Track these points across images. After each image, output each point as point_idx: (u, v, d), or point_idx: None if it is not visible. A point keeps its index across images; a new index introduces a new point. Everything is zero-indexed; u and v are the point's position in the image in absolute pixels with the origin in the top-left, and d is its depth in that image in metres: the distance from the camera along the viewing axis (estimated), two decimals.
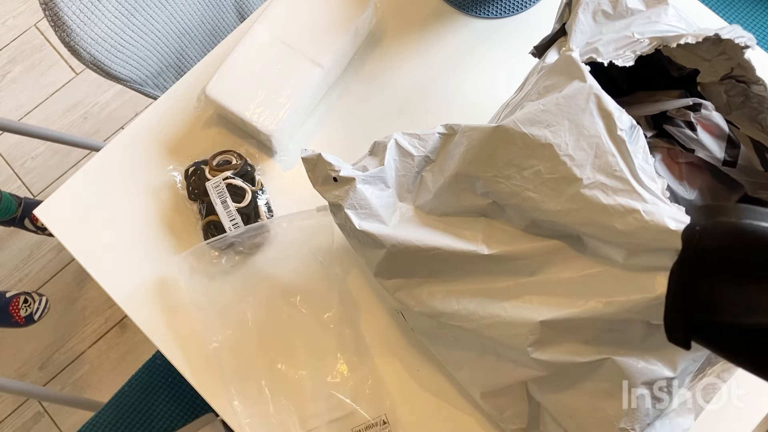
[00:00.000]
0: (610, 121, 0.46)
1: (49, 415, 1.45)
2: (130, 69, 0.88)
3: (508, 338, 0.52)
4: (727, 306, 0.32)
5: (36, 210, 0.72)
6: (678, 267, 0.33)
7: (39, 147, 1.63)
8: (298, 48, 0.72)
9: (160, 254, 0.71)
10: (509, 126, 0.49)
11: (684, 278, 0.33)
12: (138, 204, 0.73)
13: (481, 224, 0.55)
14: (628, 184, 0.44)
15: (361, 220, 0.54)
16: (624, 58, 0.50)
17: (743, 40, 0.51)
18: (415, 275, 0.56)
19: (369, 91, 0.78)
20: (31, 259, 1.55)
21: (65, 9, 0.75)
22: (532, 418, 0.58)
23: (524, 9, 0.81)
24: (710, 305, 0.32)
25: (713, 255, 0.32)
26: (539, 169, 0.48)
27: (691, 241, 0.33)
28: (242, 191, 0.69)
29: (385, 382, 0.66)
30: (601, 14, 0.55)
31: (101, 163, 0.75)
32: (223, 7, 1.01)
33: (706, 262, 0.32)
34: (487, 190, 0.52)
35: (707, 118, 0.60)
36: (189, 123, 0.76)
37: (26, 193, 1.59)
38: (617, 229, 0.45)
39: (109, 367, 1.48)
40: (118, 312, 1.52)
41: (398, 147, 0.56)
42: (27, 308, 1.44)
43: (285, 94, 0.71)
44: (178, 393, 0.97)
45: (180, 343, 0.68)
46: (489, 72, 0.78)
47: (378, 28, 0.79)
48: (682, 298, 0.33)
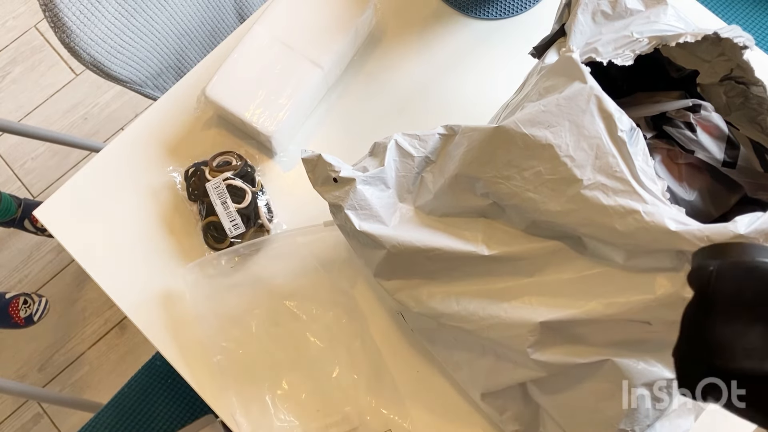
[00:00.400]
0: (610, 122, 0.46)
1: (48, 416, 1.45)
2: (130, 70, 0.88)
3: (507, 339, 0.52)
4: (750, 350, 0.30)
5: (36, 211, 0.72)
6: (692, 310, 0.32)
7: (39, 148, 1.63)
8: (298, 49, 0.72)
9: (161, 255, 0.71)
10: (510, 127, 0.49)
11: (701, 323, 0.31)
12: (138, 205, 0.73)
13: (481, 225, 0.55)
14: (628, 185, 0.44)
15: (361, 220, 0.54)
16: (623, 58, 0.50)
17: (742, 41, 0.51)
18: (415, 276, 0.56)
19: (369, 91, 0.78)
20: (30, 260, 1.55)
21: (65, 10, 0.75)
22: (532, 419, 0.58)
23: (524, 10, 0.81)
24: (731, 350, 0.30)
25: (732, 297, 0.31)
26: (539, 169, 0.48)
27: (705, 283, 0.32)
28: (242, 192, 0.69)
29: (400, 395, 0.66)
30: (600, 15, 0.55)
31: (101, 164, 0.75)
32: (223, 8, 1.01)
33: (725, 305, 0.31)
34: (488, 191, 0.52)
35: (707, 119, 0.60)
36: (189, 124, 0.76)
37: (26, 194, 1.59)
38: (617, 230, 0.45)
39: (109, 368, 1.48)
40: (117, 313, 1.52)
41: (398, 148, 0.56)
42: (27, 309, 1.44)
43: (285, 95, 0.71)
44: (178, 394, 0.97)
45: (179, 343, 0.68)
46: (489, 72, 0.78)
47: (378, 28, 0.80)
48: (699, 345, 0.31)
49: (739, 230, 0.42)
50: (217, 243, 0.69)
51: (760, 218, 0.43)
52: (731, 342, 0.30)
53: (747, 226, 0.43)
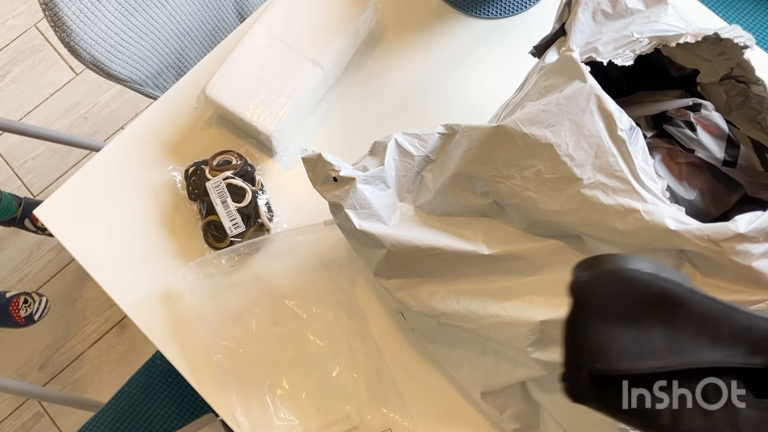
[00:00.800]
0: (610, 122, 0.46)
1: (48, 415, 1.45)
2: (130, 69, 0.88)
3: (508, 338, 0.52)
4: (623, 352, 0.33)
5: (36, 210, 0.72)
6: (571, 319, 0.34)
7: (39, 147, 1.63)
8: (298, 48, 0.72)
9: (161, 254, 0.71)
10: (510, 126, 0.49)
11: (578, 330, 0.34)
12: (138, 204, 0.73)
13: (481, 224, 0.55)
14: (628, 184, 0.44)
15: (361, 220, 0.54)
16: (623, 58, 0.50)
17: (742, 40, 0.51)
18: (415, 275, 0.56)
19: (369, 90, 0.78)
20: (31, 259, 1.55)
21: (65, 9, 0.75)
22: (532, 418, 0.58)
23: (524, 9, 0.81)
24: (606, 353, 0.33)
25: (601, 304, 0.34)
26: (539, 169, 0.48)
27: (579, 292, 0.34)
28: (242, 191, 0.69)
29: (400, 394, 0.66)
30: (601, 14, 0.55)
31: (101, 163, 0.75)
32: (223, 8, 1.01)
33: (597, 311, 0.34)
34: (488, 190, 0.52)
35: (707, 118, 0.60)
36: (189, 123, 0.76)
37: (26, 193, 1.59)
38: (617, 229, 0.45)
39: (109, 367, 1.48)
40: (118, 312, 1.52)
41: (398, 147, 0.56)
42: (27, 308, 1.44)
43: (285, 94, 0.71)
44: (178, 393, 0.97)
45: (179, 342, 0.68)
46: (489, 72, 0.78)
47: (378, 28, 0.80)
48: (580, 351, 0.34)
49: (739, 229, 0.42)
50: (218, 242, 0.69)
51: (760, 217, 0.43)
52: (605, 345, 0.33)
53: (747, 225, 0.43)
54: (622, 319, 0.33)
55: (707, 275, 0.46)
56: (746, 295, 0.45)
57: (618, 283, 0.33)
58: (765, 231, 0.43)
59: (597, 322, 0.34)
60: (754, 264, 0.43)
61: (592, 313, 0.34)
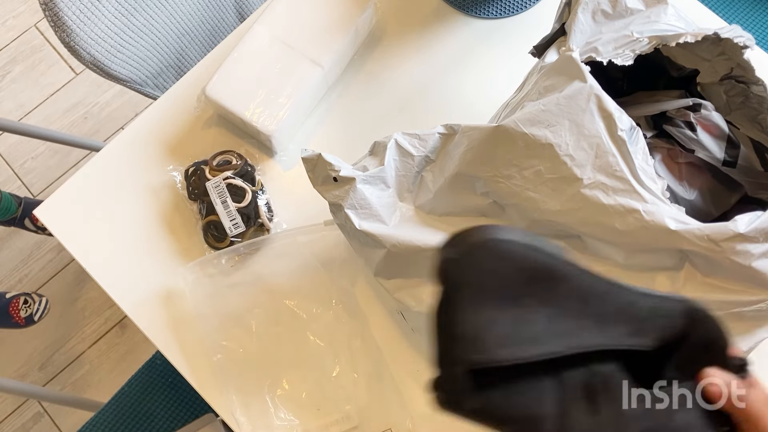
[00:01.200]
0: (610, 122, 0.46)
1: (49, 415, 1.45)
2: (130, 69, 0.88)
3: None
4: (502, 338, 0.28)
5: (36, 210, 0.72)
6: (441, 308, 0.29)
7: (39, 147, 1.63)
8: (298, 48, 0.72)
9: (161, 254, 0.71)
10: (510, 126, 0.49)
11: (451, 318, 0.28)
12: (138, 204, 0.73)
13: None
14: (628, 184, 0.44)
15: (361, 220, 0.54)
16: (623, 57, 0.50)
17: (742, 40, 0.51)
18: (416, 275, 0.56)
19: (369, 90, 0.78)
20: (31, 259, 1.55)
21: (65, 9, 0.75)
22: None
23: (524, 9, 0.81)
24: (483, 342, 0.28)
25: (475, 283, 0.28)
26: (539, 169, 0.48)
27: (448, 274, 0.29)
28: (242, 191, 0.69)
29: (400, 394, 0.66)
30: (601, 14, 0.55)
31: (101, 163, 0.75)
32: (223, 8, 1.01)
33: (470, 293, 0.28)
34: (488, 190, 0.52)
35: (707, 118, 0.60)
36: (189, 123, 0.76)
37: (26, 193, 1.59)
38: (617, 229, 0.45)
39: (109, 367, 1.48)
40: (118, 312, 1.52)
41: (398, 147, 0.56)
42: (27, 309, 1.44)
43: (285, 94, 0.71)
44: (178, 393, 0.97)
45: (180, 342, 0.68)
46: (489, 72, 0.78)
47: (378, 28, 0.79)
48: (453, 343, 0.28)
49: (739, 229, 0.42)
50: (218, 242, 0.69)
51: (760, 217, 0.43)
52: (481, 331, 0.28)
53: (747, 225, 0.43)
54: (499, 299, 0.28)
55: (707, 275, 0.46)
56: (746, 295, 0.45)
57: (491, 257, 0.28)
58: (765, 231, 0.43)
59: (471, 305, 0.28)
60: (754, 264, 0.43)
61: (465, 296, 0.28)
